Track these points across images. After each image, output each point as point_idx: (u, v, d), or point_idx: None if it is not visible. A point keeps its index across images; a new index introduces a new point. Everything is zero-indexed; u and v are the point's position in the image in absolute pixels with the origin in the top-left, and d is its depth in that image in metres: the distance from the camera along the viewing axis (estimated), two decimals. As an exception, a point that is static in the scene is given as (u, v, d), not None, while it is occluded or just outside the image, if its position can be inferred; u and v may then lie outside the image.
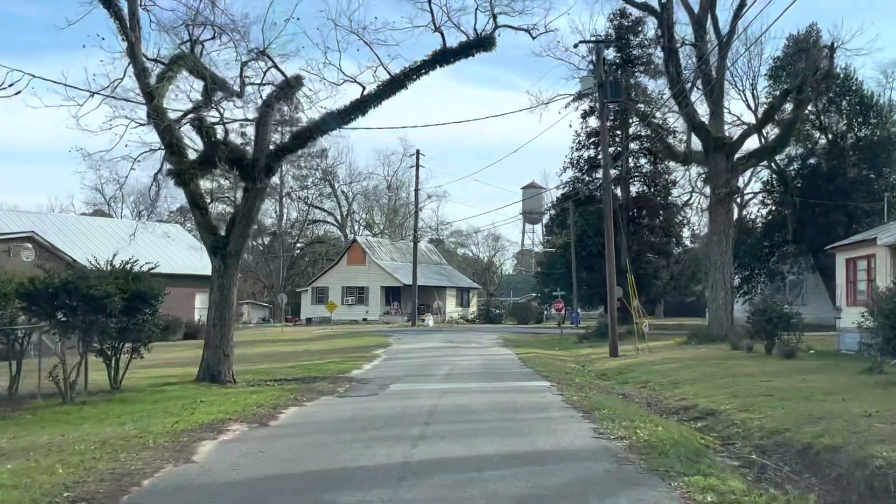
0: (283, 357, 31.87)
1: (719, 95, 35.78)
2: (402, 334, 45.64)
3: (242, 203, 20.20)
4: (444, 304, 67.21)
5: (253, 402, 14.79)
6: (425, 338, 41.85)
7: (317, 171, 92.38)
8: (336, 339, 43.43)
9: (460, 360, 27.35)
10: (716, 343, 32.10)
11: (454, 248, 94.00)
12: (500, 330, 50.65)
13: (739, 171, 36.57)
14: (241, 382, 20.51)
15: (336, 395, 16.77)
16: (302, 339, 43.91)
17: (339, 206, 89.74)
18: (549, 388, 17.90)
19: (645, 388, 20.52)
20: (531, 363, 25.88)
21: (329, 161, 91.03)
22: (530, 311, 66.91)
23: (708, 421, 15.24)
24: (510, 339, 40.34)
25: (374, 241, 69.66)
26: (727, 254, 34.65)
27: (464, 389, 17.28)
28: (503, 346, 35.91)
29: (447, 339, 39.85)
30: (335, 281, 66.77)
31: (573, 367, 26.42)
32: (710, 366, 23.20)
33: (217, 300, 20.14)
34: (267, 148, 20.33)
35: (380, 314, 64.81)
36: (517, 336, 43.78)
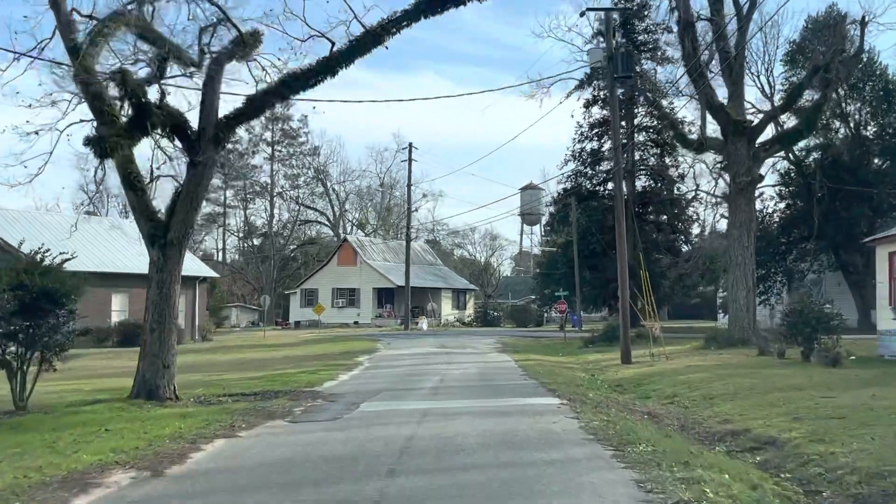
0: (254, 365, 28.12)
1: (739, 75, 32.09)
2: (392, 338, 41.88)
3: (186, 181, 16.46)
4: (439, 306, 63.44)
5: (170, 433, 11.05)
6: (417, 342, 38.09)
7: (308, 170, 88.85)
8: (320, 343, 39.67)
9: (452, 368, 23.59)
10: (737, 347, 28.43)
11: (451, 250, 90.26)
12: (497, 333, 46.91)
13: (762, 157, 32.84)
14: (186, 399, 16.76)
15: (288, 418, 13.02)
16: (284, 345, 40.15)
17: (331, 206, 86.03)
18: (560, 406, 14.16)
19: (673, 404, 16.80)
20: (534, 373, 22.12)
21: (321, 159, 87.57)
22: (529, 314, 63.16)
23: (769, 453, 11.55)
24: (509, 344, 36.61)
25: (366, 241, 65.87)
26: (749, 249, 30.97)
27: (452, 410, 13.53)
28: (501, 351, 32.17)
29: (440, 344, 36.11)
30: (325, 282, 63.03)
31: (582, 376, 22.67)
32: (745, 376, 19.48)
33: (155, 299, 16.37)
34: (215, 115, 16.59)
35: (372, 317, 61.04)
36: (516, 340, 40.02)
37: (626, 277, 27.00)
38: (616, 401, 16.86)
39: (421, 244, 73.60)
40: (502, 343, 37.35)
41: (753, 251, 31.43)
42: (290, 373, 23.52)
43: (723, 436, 13.09)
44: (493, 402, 14.93)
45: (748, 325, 30.47)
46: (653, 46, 48.64)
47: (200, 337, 44.34)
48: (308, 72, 16.72)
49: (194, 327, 44.22)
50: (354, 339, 41.53)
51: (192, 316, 44.21)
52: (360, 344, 37.75)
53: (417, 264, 66.61)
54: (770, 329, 33.46)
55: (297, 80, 16.76)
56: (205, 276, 45.52)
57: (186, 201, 16.53)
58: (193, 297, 44.31)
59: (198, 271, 45.02)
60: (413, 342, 38.27)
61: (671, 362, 25.02)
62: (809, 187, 40.64)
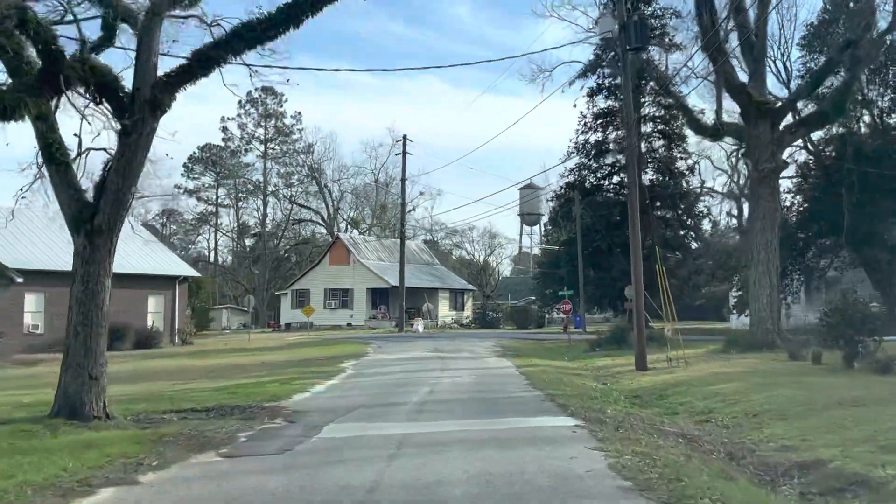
0: (227, 372, 25.07)
1: (761, 52, 29.08)
2: (384, 341, 38.79)
3: (117, 153, 13.39)
4: (435, 307, 60.35)
5: (46, 476, 7.97)
6: (410, 346, 35.01)
7: (302, 168, 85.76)
8: (306, 347, 36.56)
9: (445, 377, 20.50)
10: (761, 351, 25.41)
11: (449, 250, 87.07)
12: (497, 336, 43.82)
13: (786, 142, 29.82)
14: (121, 417, 13.71)
15: (225, 449, 9.95)
16: (267, 349, 37.06)
17: (325, 205, 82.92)
18: (575, 431, 11.09)
19: (709, 423, 13.75)
20: (539, 381, 19.05)
21: (315, 157, 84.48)
22: (530, 315, 60.02)
23: (866, 499, 8.58)
24: (509, 347, 33.53)
25: (360, 240, 62.73)
26: (772, 243, 27.95)
27: (437, 437, 10.47)
28: (501, 355, 29.09)
29: (435, 348, 33.02)
30: (317, 283, 59.94)
31: (594, 386, 19.60)
32: (785, 385, 16.43)
33: (80, 297, 13.29)
34: (153, 73, 13.53)
35: (366, 318, 57.95)
36: (517, 343, 36.91)
37: (641, 273, 23.95)
38: (640, 418, 13.78)
39: (417, 243, 70.46)
40: (502, 346, 34.29)
41: (777, 245, 28.39)
42: (262, 382, 20.46)
43: (788, 469, 10.04)
44: (491, 423, 11.86)
45: (772, 326, 27.45)
46: (660, 32, 45.59)
47: (180, 340, 41.25)
48: (266, 21, 13.65)
49: (173, 330, 41.13)
50: (344, 343, 38.44)
51: (170, 318, 41.13)
52: (348, 348, 34.66)
53: (413, 263, 63.51)
54: (793, 329, 30.36)
55: (253, 30, 13.67)
56: (185, 275, 42.42)
57: (118, 179, 13.45)
58: (173, 298, 41.23)
59: (177, 270, 41.96)
60: (406, 346, 35.19)
61: (692, 368, 21.95)
62: (830, 179, 37.54)
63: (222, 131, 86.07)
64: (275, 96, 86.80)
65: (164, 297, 41.04)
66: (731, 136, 32.28)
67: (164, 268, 41.32)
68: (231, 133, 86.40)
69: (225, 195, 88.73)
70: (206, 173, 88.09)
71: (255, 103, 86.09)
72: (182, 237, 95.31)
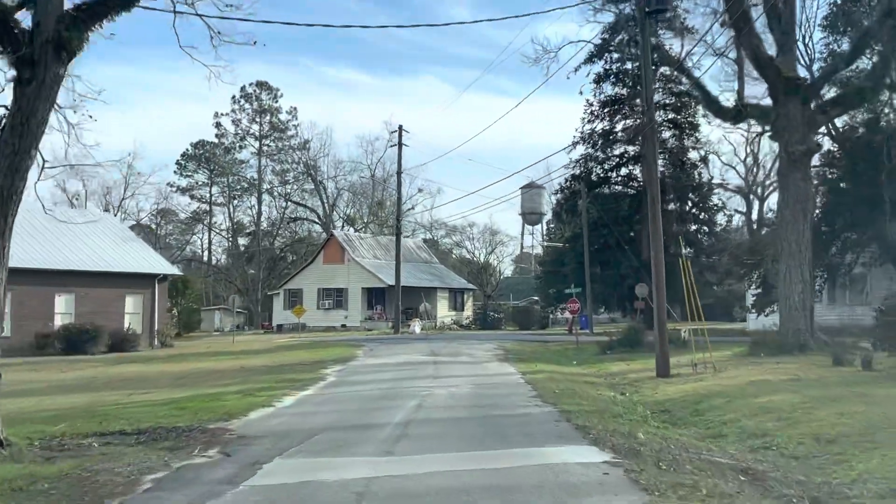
0: (196, 379, 22.09)
1: (790, 23, 26.00)
2: (377, 344, 35.73)
3: (13, 107, 10.38)
4: (434, 307, 57.27)
5: None
6: (404, 348, 31.96)
7: (298, 165, 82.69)
8: (293, 350, 33.51)
9: (438, 387, 17.46)
10: (793, 354, 22.34)
11: (449, 250, 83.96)
12: (498, 337, 40.75)
13: (819, 123, 26.77)
14: (25, 443, 10.72)
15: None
16: (251, 352, 34.00)
17: (322, 203, 79.91)
18: (607, 473, 8.01)
19: (768, 450, 10.73)
20: (548, 393, 16.01)
21: (311, 153, 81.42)
22: (532, 315, 56.89)
23: None
24: (512, 351, 30.49)
25: (355, 237, 59.62)
26: (805, 234, 24.89)
27: (415, 487, 7.39)
28: (503, 360, 26.05)
29: (430, 351, 29.98)
30: (310, 282, 56.88)
31: (612, 397, 16.56)
32: (850, 399, 13.44)
33: (-35, 292, 10.26)
34: (59, 6, 10.50)
35: (361, 319, 54.89)
36: (520, 345, 33.85)
37: (662, 265, 20.89)
38: (681, 445, 10.72)
39: (415, 240, 67.36)
40: (504, 349, 31.24)
41: (810, 237, 25.35)
42: (223, 393, 17.42)
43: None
44: (492, 458, 8.79)
45: (805, 326, 24.32)
46: (672, 15, 42.57)
47: (160, 343, 38.19)
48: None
49: (152, 332, 38.08)
50: (334, 345, 35.38)
51: (148, 319, 38.08)
52: (336, 351, 31.59)
53: (411, 262, 60.49)
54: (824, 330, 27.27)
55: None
56: (165, 273, 39.36)
57: (13, 139, 10.41)
58: (152, 298, 38.18)
59: (156, 268, 38.91)
60: (400, 348, 32.14)
61: (723, 376, 18.88)
62: (856, 168, 34.44)
63: (216, 127, 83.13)
64: (269, 91, 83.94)
65: (143, 296, 38.00)
66: (754, 118, 29.27)
67: (142, 265, 38.28)
68: (225, 129, 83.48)
69: (219, 193, 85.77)
70: (200, 171, 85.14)
71: (249, 98, 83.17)
72: (178, 237, 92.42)
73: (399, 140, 46.49)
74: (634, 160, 43.86)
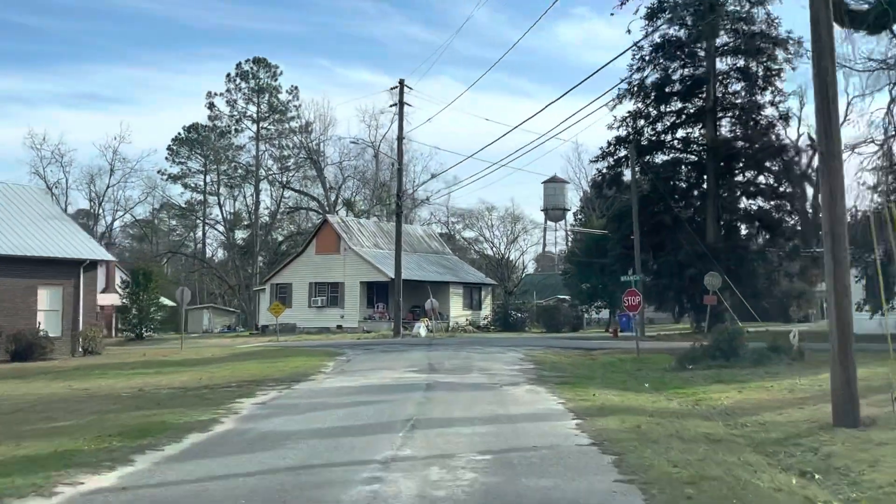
0: (51, 411, 12.78)
1: None
2: (362, 353, 26.19)
3: None
4: (446, 305, 47.68)
5: None
6: (393, 361, 22.39)
7: (299, 151, 73.28)
8: (244, 362, 24.03)
9: (405, 467, 7.86)
10: None
11: (467, 245, 74.17)
12: (524, 342, 31.16)
13: None
14: None
15: None
16: (187, 364, 24.51)
17: (324, 191, 70.53)
18: None
19: None
20: (654, 481, 6.38)
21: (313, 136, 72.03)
22: (562, 315, 47.02)
23: None
24: (546, 364, 20.86)
25: (353, 222, 50.03)
26: None
27: None
28: (536, 381, 16.47)
29: (429, 363, 20.43)
30: (301, 276, 47.52)
31: (807, 496, 6.88)
32: None
33: None
34: None
35: (359, 319, 45.45)
36: (555, 354, 24.10)
37: (844, 236, 10.96)
38: None
39: (425, 228, 57.78)
40: (534, 360, 21.63)
41: None
42: None
43: None
44: None
45: None
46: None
47: (83, 350, 28.92)
48: None
49: (74, 336, 28.83)
50: (306, 354, 25.86)
51: (70, 319, 28.84)
52: (299, 363, 22.10)
53: (419, 252, 50.95)
54: None
55: None
56: (93, 259, 30.04)
57: None
58: (75, 291, 28.93)
59: (81, 252, 29.59)
60: (388, 360, 22.58)
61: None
62: None
63: (208, 108, 74.01)
64: (268, 68, 74.76)
65: (63, 289, 28.77)
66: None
67: (63, 249, 29.00)
68: (219, 111, 74.30)
69: (213, 182, 76.66)
70: (193, 157, 76.11)
71: (245, 76, 74.07)
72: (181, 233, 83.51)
73: (400, 98, 36.92)
74: (695, 118, 34.06)
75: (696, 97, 33.83)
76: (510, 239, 65.53)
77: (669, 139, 34.30)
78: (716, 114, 33.54)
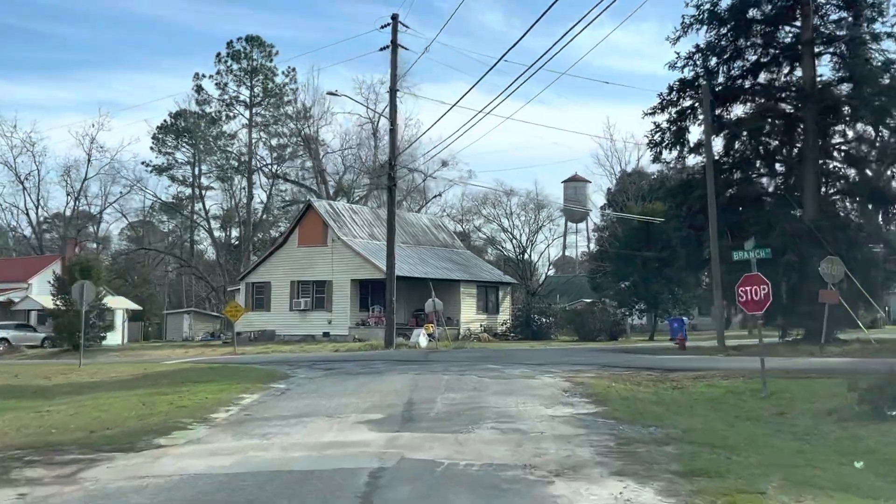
0: None
1: None
2: (327, 374, 17.14)
3: None
4: (456, 308, 38.58)
5: None
6: (356, 394, 13.32)
7: (297, 139, 64.25)
8: (135, 389, 15.08)
9: None
10: None
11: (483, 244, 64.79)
12: (556, 357, 22.03)
13: None
14: None
15: None
16: (70, 389, 15.66)
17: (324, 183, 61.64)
18: None
19: None
20: None
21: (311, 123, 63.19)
22: (596, 321, 37.63)
23: None
24: (610, 401, 11.77)
25: (344, 209, 40.97)
26: None
27: None
28: (619, 457, 7.43)
29: (407, 406, 11.41)
30: (281, 272, 38.64)
31: None
32: None
33: None
34: None
35: (350, 325, 36.51)
36: (616, 381, 14.81)
37: None
38: None
39: (431, 217, 48.64)
40: (587, 394, 12.58)
41: None
42: None
43: None
44: None
45: None
46: None
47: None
48: None
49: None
50: (238, 377, 16.79)
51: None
52: (210, 395, 13.12)
53: (425, 245, 41.95)
54: None
55: None
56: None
57: None
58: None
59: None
60: (348, 391, 13.54)
61: None
62: None
63: (196, 91, 65.50)
64: (262, 48, 66.20)
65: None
66: None
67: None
68: (208, 94, 65.82)
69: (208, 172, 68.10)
70: (181, 147, 67.64)
71: (237, 56, 65.55)
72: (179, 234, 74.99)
73: (394, 38, 27.82)
74: (786, 54, 24.82)
75: (787, 24, 24.65)
76: (533, 229, 56.10)
77: (750, 84, 25.07)
78: (813, 48, 24.29)
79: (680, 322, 34.29)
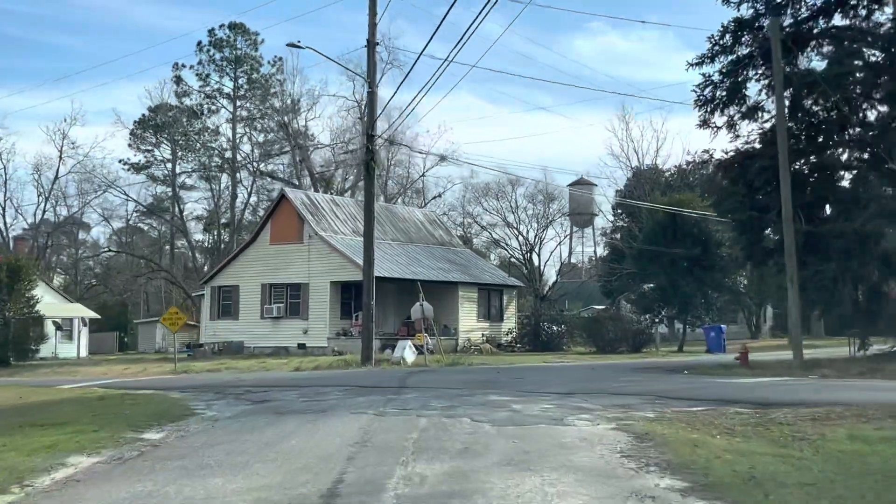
0: None
1: None
2: (253, 411, 11.64)
3: None
4: (454, 315, 32.91)
5: None
6: (263, 453, 7.84)
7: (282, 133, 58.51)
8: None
9: None
10: None
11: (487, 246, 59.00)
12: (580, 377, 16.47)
13: None
14: None
15: None
16: None
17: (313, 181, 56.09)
18: None
19: None
20: None
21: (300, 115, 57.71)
22: (615, 329, 31.89)
23: None
24: (707, 473, 6.19)
25: (323, 200, 35.30)
26: None
27: None
28: None
29: (332, 491, 5.79)
30: (250, 274, 33.12)
31: None
32: None
33: None
34: None
35: (329, 335, 30.93)
36: (693, 429, 9.25)
37: None
38: None
39: (425, 212, 42.87)
40: (657, 452, 7.06)
41: None
42: None
43: None
44: None
45: None
46: None
47: None
48: None
49: None
50: (113, 416, 11.39)
51: None
52: (23, 457, 7.63)
53: (418, 243, 36.35)
54: None
55: None
56: None
57: None
58: None
59: None
60: (244, 451, 8.08)
61: None
62: None
63: (175, 83, 60.17)
64: (246, 36, 60.85)
65: None
66: None
67: None
68: (188, 86, 60.52)
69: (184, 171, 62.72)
70: (160, 143, 62.26)
71: (219, 45, 60.21)
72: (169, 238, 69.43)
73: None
74: None
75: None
76: (542, 224, 50.32)
77: (824, 26, 19.47)
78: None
79: (718, 330, 28.69)
